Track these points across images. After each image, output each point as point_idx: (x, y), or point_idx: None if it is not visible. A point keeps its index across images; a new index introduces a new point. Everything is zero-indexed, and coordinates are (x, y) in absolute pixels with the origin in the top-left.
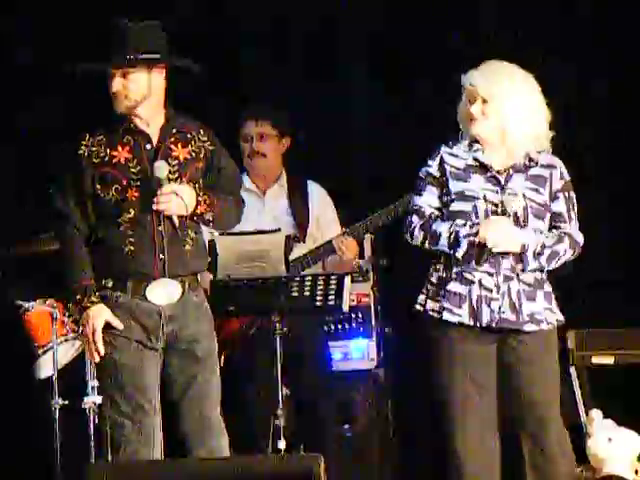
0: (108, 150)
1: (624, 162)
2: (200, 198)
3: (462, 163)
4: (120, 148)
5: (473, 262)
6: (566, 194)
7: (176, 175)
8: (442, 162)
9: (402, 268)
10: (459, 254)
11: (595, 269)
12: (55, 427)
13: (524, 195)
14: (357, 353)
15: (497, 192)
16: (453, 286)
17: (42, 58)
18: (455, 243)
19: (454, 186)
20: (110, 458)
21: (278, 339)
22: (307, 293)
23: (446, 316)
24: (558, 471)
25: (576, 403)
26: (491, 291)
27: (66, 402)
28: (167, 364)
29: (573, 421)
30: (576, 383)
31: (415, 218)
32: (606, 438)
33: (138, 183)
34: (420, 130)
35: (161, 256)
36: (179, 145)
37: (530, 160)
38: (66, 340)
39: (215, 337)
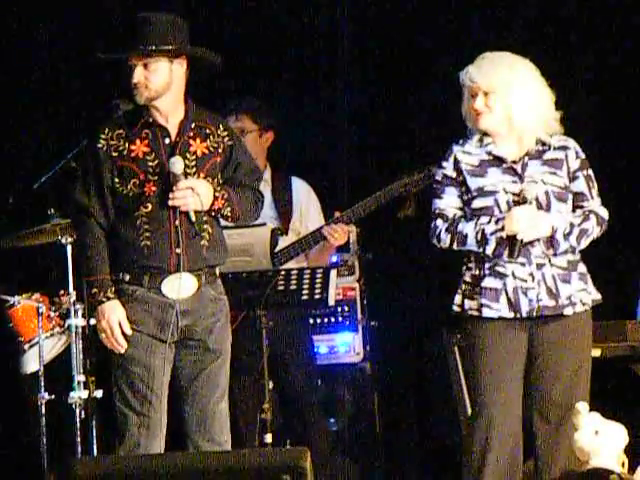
0: (127, 144)
1: (624, 162)
2: (217, 194)
3: (476, 159)
4: (138, 142)
5: (505, 257)
6: (584, 172)
7: (194, 170)
8: (456, 161)
9: (388, 262)
10: (489, 252)
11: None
12: (41, 422)
13: (543, 181)
14: (343, 347)
15: (516, 182)
16: (488, 282)
17: (42, 58)
18: (483, 241)
19: (472, 183)
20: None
21: (264, 333)
22: (293, 287)
23: (486, 312)
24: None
25: None
26: (526, 281)
27: (52, 397)
28: (179, 357)
29: None
30: None
31: (439, 222)
32: (592, 431)
33: (156, 177)
34: (420, 130)
35: (177, 250)
36: (197, 140)
37: (543, 144)
38: (52, 335)
39: (230, 330)
